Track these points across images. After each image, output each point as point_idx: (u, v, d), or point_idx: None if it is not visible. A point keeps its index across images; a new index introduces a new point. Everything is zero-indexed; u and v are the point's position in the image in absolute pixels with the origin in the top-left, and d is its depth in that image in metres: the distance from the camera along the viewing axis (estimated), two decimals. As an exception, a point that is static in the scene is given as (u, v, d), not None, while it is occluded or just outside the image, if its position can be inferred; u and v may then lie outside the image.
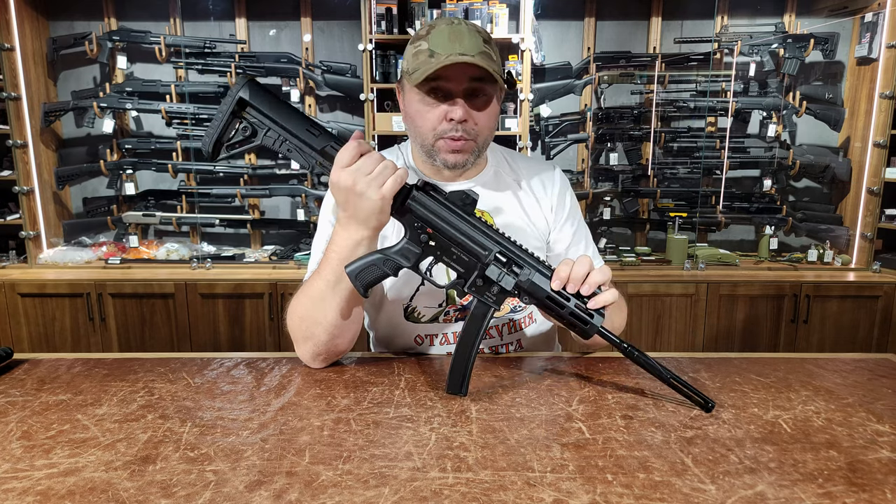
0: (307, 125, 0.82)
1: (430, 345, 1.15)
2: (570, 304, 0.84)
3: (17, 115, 2.75)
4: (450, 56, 0.96)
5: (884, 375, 0.96)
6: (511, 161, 1.22)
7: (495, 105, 1.07)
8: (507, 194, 1.17)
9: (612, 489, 0.63)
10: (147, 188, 3.05)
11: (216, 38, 2.90)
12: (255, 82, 0.82)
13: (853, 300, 2.70)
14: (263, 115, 0.81)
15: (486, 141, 1.08)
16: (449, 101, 1.01)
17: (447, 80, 1.00)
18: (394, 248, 0.88)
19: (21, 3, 2.74)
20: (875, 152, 2.81)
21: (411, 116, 1.07)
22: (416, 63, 1.01)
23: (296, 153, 0.82)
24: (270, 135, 0.81)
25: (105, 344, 2.71)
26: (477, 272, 0.85)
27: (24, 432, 0.75)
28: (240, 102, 0.81)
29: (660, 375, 0.85)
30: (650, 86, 2.99)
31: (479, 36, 1.00)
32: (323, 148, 0.81)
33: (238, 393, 0.87)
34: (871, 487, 0.64)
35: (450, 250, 0.86)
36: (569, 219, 1.20)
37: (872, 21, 2.77)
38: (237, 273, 2.75)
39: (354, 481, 0.64)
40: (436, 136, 1.04)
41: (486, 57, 0.99)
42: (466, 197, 0.85)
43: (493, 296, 0.86)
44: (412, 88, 1.03)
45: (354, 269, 0.87)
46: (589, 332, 0.85)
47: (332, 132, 0.83)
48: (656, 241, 3.18)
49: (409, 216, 0.85)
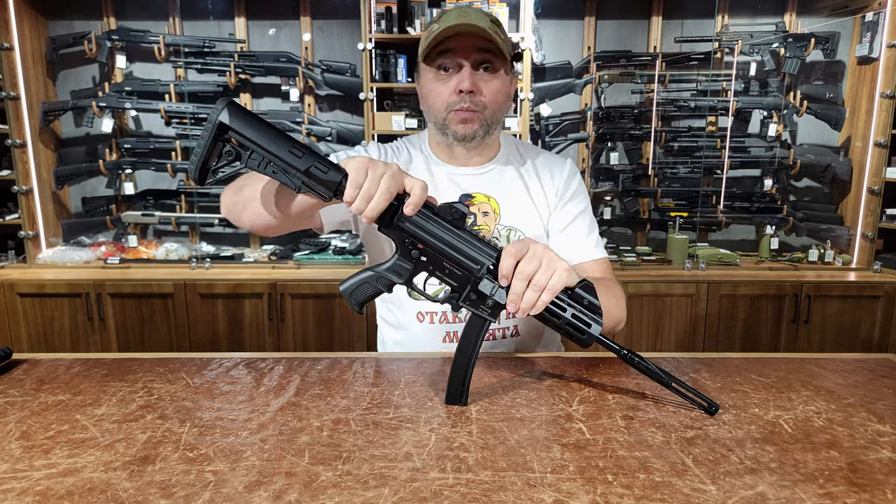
0: (290, 146, 0.79)
1: (430, 322, 1.17)
2: (567, 315, 0.82)
3: (16, 114, 2.75)
4: (456, 23, 1.04)
5: (885, 375, 0.96)
6: (523, 151, 1.27)
7: (504, 79, 1.12)
8: (515, 181, 1.21)
9: (612, 490, 0.63)
10: (146, 188, 3.05)
11: (215, 37, 2.89)
12: (235, 105, 0.80)
13: (854, 300, 2.70)
14: (245, 139, 0.79)
15: (493, 115, 1.13)
16: (458, 74, 1.09)
17: (455, 52, 1.08)
18: (385, 264, 0.87)
19: (20, 2, 2.73)
20: (876, 152, 2.80)
21: (425, 96, 1.14)
22: (427, 43, 1.08)
23: (280, 174, 0.79)
24: (254, 157, 0.79)
25: (104, 344, 2.71)
26: (470, 286, 0.84)
27: (24, 432, 0.75)
28: (220, 127, 0.79)
29: (661, 380, 0.84)
30: (650, 85, 2.99)
31: (486, 17, 1.08)
32: (307, 168, 0.79)
33: (237, 393, 0.87)
34: (871, 488, 0.64)
35: (442, 265, 0.84)
36: (571, 200, 1.21)
37: (873, 20, 2.77)
38: (236, 273, 2.74)
39: (354, 482, 0.64)
40: (447, 109, 1.11)
41: (493, 33, 1.05)
42: (456, 211, 0.83)
43: (489, 309, 0.85)
44: (426, 68, 1.12)
45: (348, 287, 0.87)
46: (587, 342, 0.84)
47: (316, 152, 0.81)
48: (657, 240, 3.18)
49: (399, 232, 0.83)
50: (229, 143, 0.80)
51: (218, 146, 0.80)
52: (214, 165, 0.81)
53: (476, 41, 1.06)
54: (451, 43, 1.07)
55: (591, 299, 0.83)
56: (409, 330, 1.19)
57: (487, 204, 1.18)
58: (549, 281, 0.79)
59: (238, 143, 0.80)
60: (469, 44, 1.06)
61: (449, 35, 1.06)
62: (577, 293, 0.83)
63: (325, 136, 2.91)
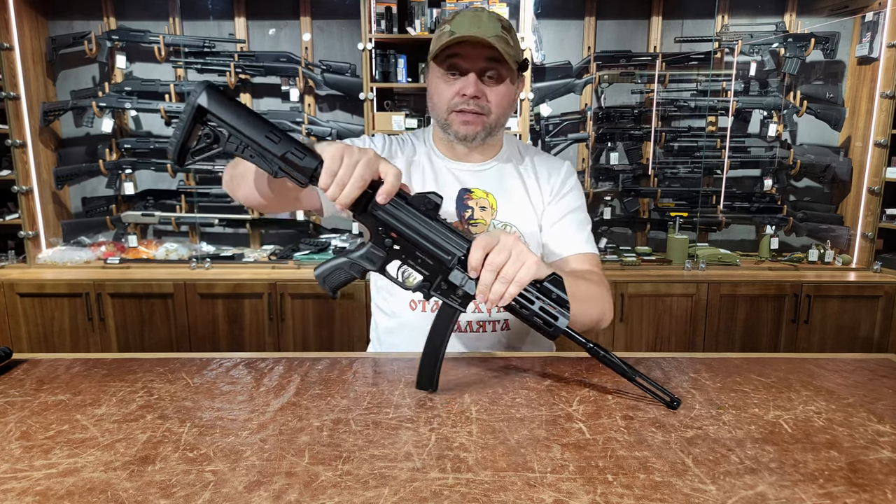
0: (266, 131, 0.80)
1: (422, 311, 1.18)
2: (535, 307, 0.83)
3: (16, 114, 2.75)
4: (466, 34, 1.06)
5: (885, 375, 0.96)
6: (523, 151, 1.29)
7: (509, 87, 1.15)
8: (514, 179, 1.23)
9: (612, 489, 0.63)
10: (146, 188, 3.05)
11: (215, 37, 2.89)
12: (213, 88, 0.80)
13: (854, 300, 2.70)
14: (222, 122, 0.80)
15: (497, 119, 1.16)
16: (464, 78, 1.11)
17: (463, 59, 1.10)
18: (359, 251, 0.88)
19: (20, 2, 2.73)
20: (876, 152, 2.80)
21: (431, 94, 1.17)
22: (438, 44, 1.11)
23: (258, 159, 0.80)
24: (232, 140, 0.80)
25: (104, 344, 2.70)
26: (441, 276, 0.86)
27: (23, 432, 0.75)
28: (199, 110, 0.80)
29: (625, 374, 0.85)
30: (650, 85, 2.99)
31: (498, 22, 1.09)
32: (283, 154, 0.79)
33: (237, 393, 0.87)
34: (871, 488, 0.64)
35: (414, 254, 0.86)
36: (566, 197, 1.23)
37: (873, 20, 2.77)
38: (236, 273, 2.74)
39: (354, 482, 0.64)
40: (449, 110, 1.14)
41: (502, 41, 1.07)
42: (429, 201, 0.84)
43: (459, 298, 0.86)
44: (434, 67, 1.14)
45: (322, 272, 0.89)
46: (554, 335, 0.85)
47: (293, 138, 0.81)
48: (657, 240, 3.18)
49: (373, 220, 0.84)
50: (208, 126, 0.81)
51: (197, 129, 0.81)
52: (194, 147, 0.82)
53: (484, 51, 1.08)
54: (459, 49, 1.09)
55: (559, 293, 0.84)
56: (401, 318, 1.21)
57: (485, 199, 1.20)
58: (517, 273, 0.80)
59: (216, 127, 0.81)
60: (477, 53, 1.09)
61: (459, 40, 1.08)
62: (546, 286, 0.84)
63: (325, 136, 2.91)
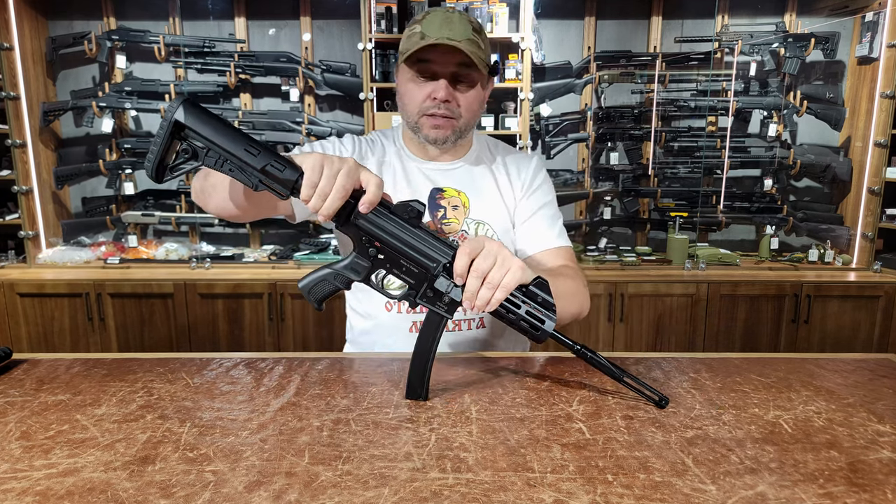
0: (245, 144, 0.79)
1: (397, 312, 1.18)
2: (521, 312, 0.83)
3: (16, 114, 2.75)
4: (438, 39, 1.05)
5: (885, 375, 0.96)
6: (493, 147, 1.30)
7: (479, 90, 1.15)
8: (485, 177, 1.24)
9: (612, 490, 0.63)
10: (146, 188, 3.05)
11: (215, 37, 2.90)
12: (191, 103, 0.80)
13: (854, 300, 2.70)
14: (200, 137, 0.79)
15: (467, 123, 1.16)
16: (434, 82, 1.11)
17: (434, 63, 1.09)
18: (343, 262, 0.87)
19: (20, 2, 2.74)
20: (876, 152, 2.80)
21: (401, 94, 1.16)
22: (408, 44, 1.10)
23: (237, 172, 0.79)
24: (211, 155, 0.79)
25: (104, 344, 2.71)
26: (427, 284, 0.85)
27: (23, 432, 0.75)
28: (176, 125, 0.79)
29: (613, 375, 0.85)
30: (650, 85, 2.99)
31: (469, 25, 1.08)
32: (263, 167, 0.79)
33: (237, 393, 0.87)
34: (871, 488, 0.64)
35: (399, 262, 0.85)
36: (536, 192, 1.23)
37: (873, 20, 2.77)
38: (236, 273, 2.74)
39: (354, 482, 0.64)
40: (420, 113, 1.13)
41: (473, 44, 1.07)
42: (412, 209, 0.84)
43: (445, 305, 0.85)
44: (404, 67, 1.13)
45: (306, 284, 0.88)
46: (541, 338, 0.85)
47: (272, 150, 0.81)
48: (657, 240, 3.18)
49: (356, 230, 0.84)
50: (186, 142, 0.80)
51: (175, 144, 0.81)
52: (172, 163, 0.81)
53: (456, 56, 1.08)
54: (430, 53, 1.08)
55: (545, 296, 0.84)
56: (376, 319, 1.20)
57: (458, 198, 1.20)
58: (503, 279, 0.80)
59: (194, 142, 0.80)
60: (448, 58, 1.08)
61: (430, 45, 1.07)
62: (531, 290, 0.84)
63: (326, 136, 2.91)
